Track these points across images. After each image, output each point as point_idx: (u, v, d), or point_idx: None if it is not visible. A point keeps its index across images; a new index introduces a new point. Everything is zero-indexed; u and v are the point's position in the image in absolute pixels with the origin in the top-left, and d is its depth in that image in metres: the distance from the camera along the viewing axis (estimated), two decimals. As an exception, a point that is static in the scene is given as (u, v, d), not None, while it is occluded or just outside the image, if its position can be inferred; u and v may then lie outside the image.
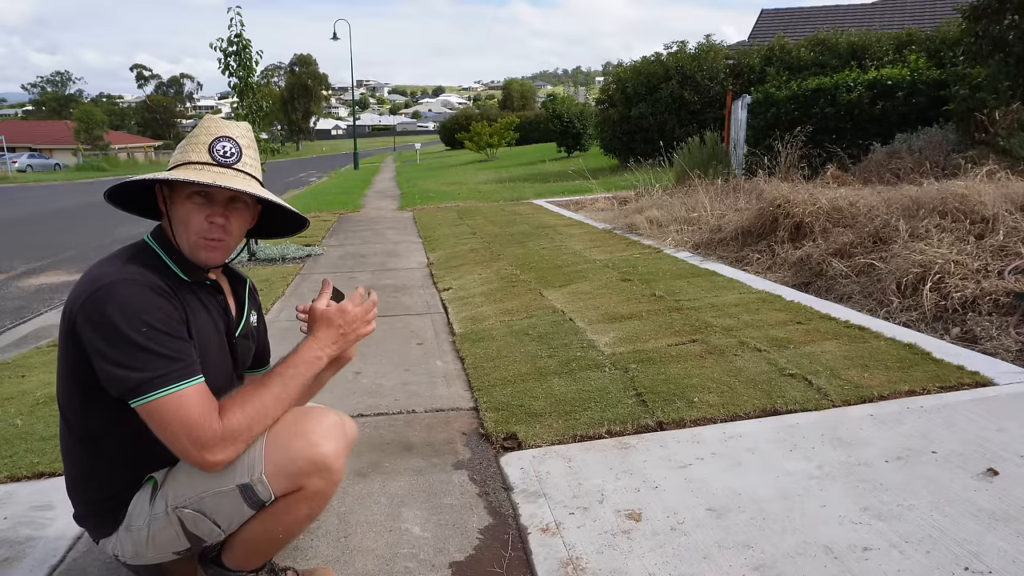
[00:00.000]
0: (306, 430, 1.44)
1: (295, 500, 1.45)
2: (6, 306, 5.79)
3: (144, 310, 1.34)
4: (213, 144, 1.49)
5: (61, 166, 41.44)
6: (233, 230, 1.51)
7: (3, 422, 2.90)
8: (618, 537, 1.89)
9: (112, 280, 1.36)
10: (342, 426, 1.52)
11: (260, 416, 1.40)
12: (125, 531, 1.49)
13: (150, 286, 1.38)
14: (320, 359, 1.51)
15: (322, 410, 1.53)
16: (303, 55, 78.54)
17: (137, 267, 1.41)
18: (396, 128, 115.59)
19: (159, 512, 1.46)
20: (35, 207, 16.58)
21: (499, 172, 20.52)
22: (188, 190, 1.47)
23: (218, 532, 1.47)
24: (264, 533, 1.50)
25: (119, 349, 1.31)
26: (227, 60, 7.02)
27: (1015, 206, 4.46)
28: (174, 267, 1.50)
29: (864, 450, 2.29)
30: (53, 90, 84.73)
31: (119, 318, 1.31)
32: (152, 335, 1.33)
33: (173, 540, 1.48)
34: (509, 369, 3.28)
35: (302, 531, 1.56)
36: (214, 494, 1.42)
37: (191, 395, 1.34)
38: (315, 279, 5.96)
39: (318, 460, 1.42)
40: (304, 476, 1.42)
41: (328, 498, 1.51)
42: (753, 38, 17.93)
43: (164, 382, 1.31)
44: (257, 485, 1.41)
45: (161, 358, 1.33)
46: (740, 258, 5.53)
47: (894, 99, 9.48)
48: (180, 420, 1.32)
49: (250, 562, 1.59)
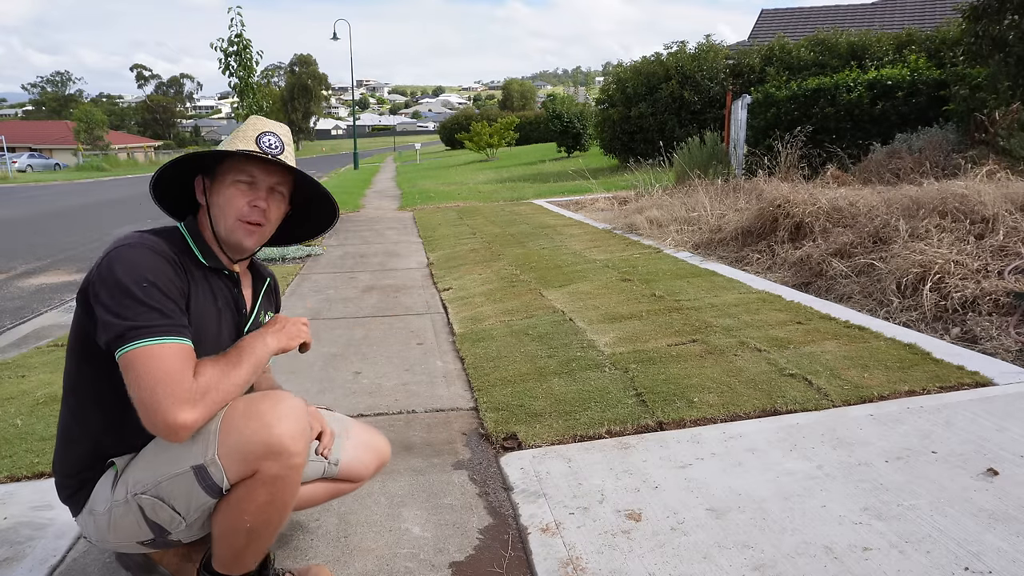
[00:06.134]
0: (261, 411, 1.42)
1: (252, 485, 1.42)
2: (6, 306, 5.79)
3: (148, 269, 1.39)
4: (260, 137, 1.58)
5: (61, 166, 41.45)
6: (271, 217, 1.61)
7: (3, 422, 2.90)
8: (618, 537, 1.89)
9: (128, 243, 1.43)
10: (303, 410, 1.48)
11: (227, 386, 1.41)
12: (88, 515, 1.52)
13: (159, 252, 1.44)
14: (268, 343, 1.55)
15: (282, 394, 1.49)
16: (303, 55, 78.58)
17: (156, 238, 1.48)
18: (396, 128, 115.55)
19: (119, 499, 1.47)
20: (35, 207, 16.58)
21: (499, 172, 20.52)
22: (233, 177, 1.56)
23: (179, 520, 1.46)
24: (230, 524, 1.46)
25: (116, 299, 1.35)
26: (227, 60, 7.03)
27: (1015, 206, 4.46)
28: (196, 250, 1.56)
29: (864, 450, 2.29)
30: (53, 90, 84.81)
31: (123, 273, 1.37)
32: (150, 291, 1.37)
33: (134, 528, 1.48)
34: (509, 369, 3.28)
35: (274, 524, 1.49)
36: (170, 478, 1.42)
37: (173, 350, 1.35)
38: (315, 279, 5.96)
39: (272, 442, 1.38)
40: (258, 459, 1.39)
41: (289, 484, 1.45)
42: (753, 38, 17.93)
43: (149, 333, 1.34)
44: (210, 467, 1.39)
45: (152, 311, 1.36)
46: (740, 258, 5.53)
47: (894, 99, 9.49)
48: (157, 373, 1.32)
49: (237, 564, 1.54)
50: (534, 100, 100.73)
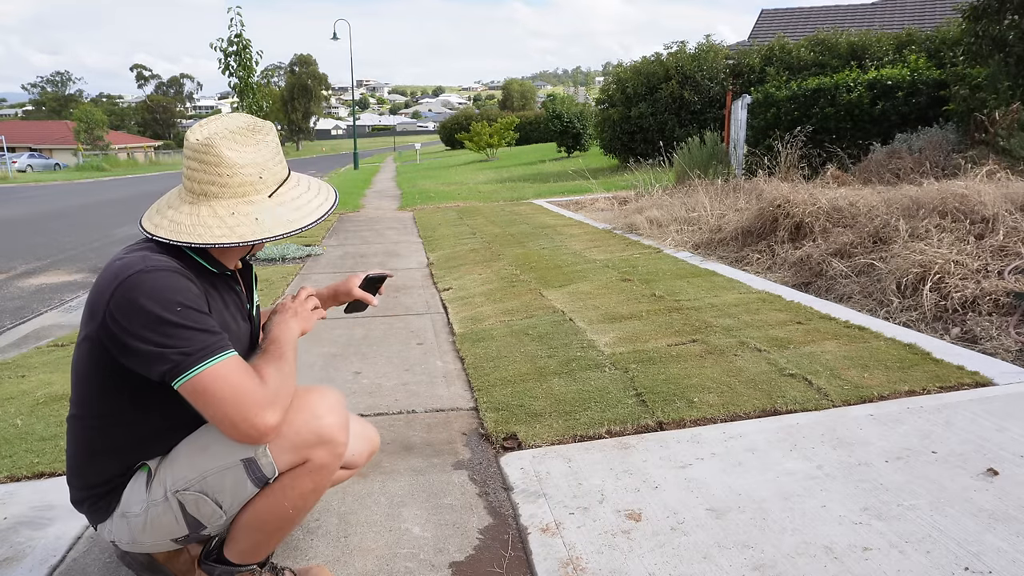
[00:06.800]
0: (310, 403, 1.48)
1: (299, 474, 1.47)
2: (6, 306, 5.79)
3: (174, 291, 1.35)
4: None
5: (61, 166, 41.44)
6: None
7: (3, 422, 2.90)
8: (618, 537, 1.89)
9: (138, 269, 1.36)
10: (344, 403, 1.56)
11: (287, 381, 1.45)
12: (121, 518, 1.50)
13: (175, 270, 1.39)
14: (294, 329, 1.57)
15: (325, 388, 1.57)
16: (303, 55, 78.51)
17: (160, 255, 1.42)
18: (396, 128, 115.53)
19: (157, 498, 1.46)
20: (35, 207, 16.57)
21: (499, 172, 20.52)
22: None
23: (219, 514, 1.47)
24: (270, 512, 1.49)
25: (155, 330, 1.31)
26: (227, 60, 7.04)
27: (1015, 206, 4.46)
28: (198, 258, 1.52)
29: (864, 450, 2.29)
30: (53, 90, 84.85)
31: (151, 303, 1.32)
32: (186, 313, 1.34)
33: (171, 526, 1.48)
34: (509, 369, 3.28)
35: (308, 511, 1.56)
36: (217, 471, 1.43)
37: (232, 365, 1.35)
38: (315, 279, 5.96)
39: (323, 432, 1.46)
40: (308, 448, 1.45)
41: (332, 472, 1.52)
42: (753, 38, 17.92)
43: (207, 354, 1.33)
44: (261, 459, 1.42)
45: (197, 332, 1.34)
46: (740, 258, 5.53)
47: (894, 99, 9.49)
48: (231, 388, 1.33)
49: (255, 552, 1.58)
50: (534, 100, 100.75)
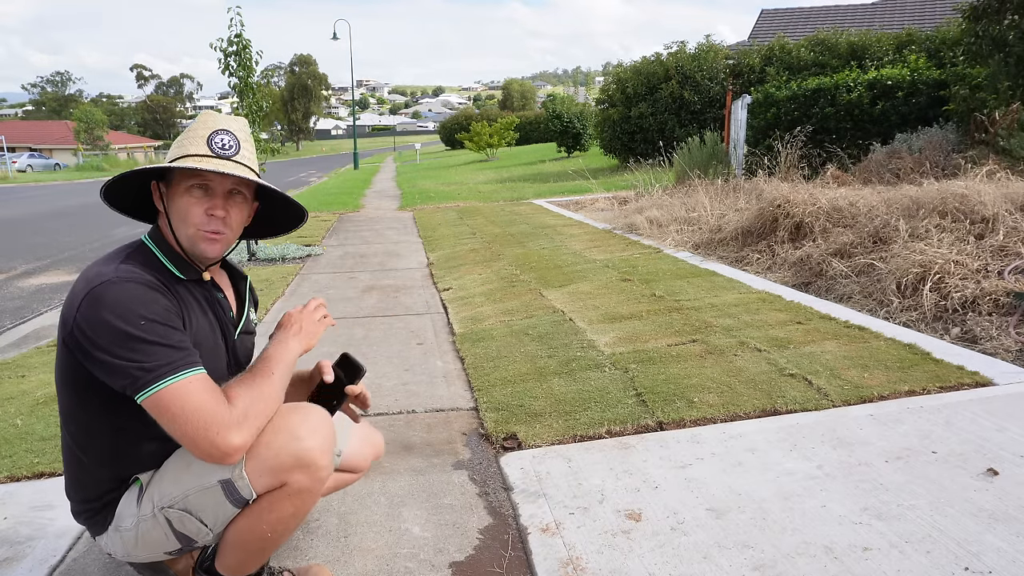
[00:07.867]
0: (290, 424, 1.41)
1: (278, 497, 1.42)
2: (6, 306, 5.79)
3: (140, 304, 1.33)
4: (211, 137, 1.47)
5: (61, 166, 41.44)
6: (232, 223, 1.51)
7: (3, 422, 2.90)
8: (618, 537, 1.89)
9: (106, 280, 1.34)
10: (330, 423, 1.49)
11: (265, 402, 1.39)
12: (115, 531, 1.49)
13: (144, 283, 1.37)
14: (291, 348, 1.51)
15: (308, 406, 1.50)
16: (303, 55, 78.54)
17: (131, 266, 1.40)
18: (396, 128, 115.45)
19: (146, 513, 1.45)
20: (35, 207, 16.57)
21: (499, 172, 20.52)
22: (187, 183, 1.45)
23: (206, 531, 1.46)
24: (250, 532, 1.46)
25: (120, 344, 1.30)
26: (227, 60, 7.02)
27: (1015, 206, 4.46)
28: (170, 265, 1.48)
29: (864, 450, 2.29)
30: (53, 90, 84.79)
31: (115, 316, 1.30)
32: (150, 327, 1.31)
33: (162, 540, 1.47)
34: (509, 369, 3.28)
35: (290, 532, 1.51)
36: (199, 490, 1.41)
37: (199, 382, 1.32)
38: (315, 279, 5.96)
39: (302, 455, 1.39)
40: (286, 471, 1.39)
41: (315, 496, 1.45)
42: (753, 38, 17.92)
43: (170, 370, 1.30)
44: (238, 481, 1.39)
45: (164, 347, 1.32)
46: (740, 258, 5.53)
47: (894, 99, 9.49)
48: (192, 407, 1.30)
49: (242, 568, 1.55)
50: (534, 100, 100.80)
